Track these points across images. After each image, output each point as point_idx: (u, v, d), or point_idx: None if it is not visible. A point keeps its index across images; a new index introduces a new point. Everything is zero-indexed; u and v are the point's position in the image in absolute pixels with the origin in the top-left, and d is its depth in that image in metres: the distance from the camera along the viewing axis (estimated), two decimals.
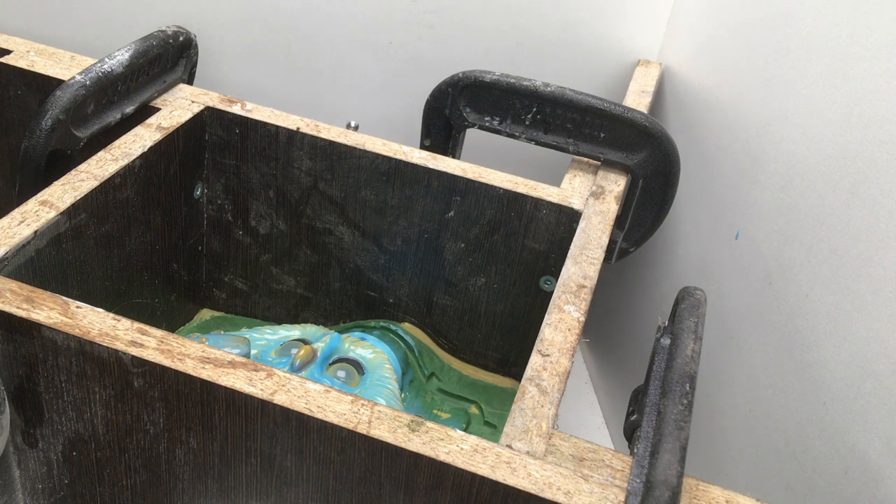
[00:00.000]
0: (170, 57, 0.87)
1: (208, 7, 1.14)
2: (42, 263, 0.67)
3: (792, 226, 0.77)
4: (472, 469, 0.52)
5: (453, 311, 0.91)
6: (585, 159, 0.88)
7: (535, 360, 0.61)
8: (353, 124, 0.92)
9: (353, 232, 0.89)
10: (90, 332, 0.57)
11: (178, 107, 0.85)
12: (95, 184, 0.71)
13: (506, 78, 0.86)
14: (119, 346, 0.56)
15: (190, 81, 0.92)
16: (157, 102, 0.85)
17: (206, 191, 0.90)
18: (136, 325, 0.58)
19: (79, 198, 0.70)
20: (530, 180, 0.82)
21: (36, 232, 0.66)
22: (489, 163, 0.85)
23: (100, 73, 0.77)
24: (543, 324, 0.65)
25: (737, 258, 0.86)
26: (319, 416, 0.54)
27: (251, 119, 0.85)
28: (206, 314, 0.98)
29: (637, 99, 1.00)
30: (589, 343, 1.30)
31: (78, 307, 0.59)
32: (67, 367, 0.58)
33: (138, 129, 0.80)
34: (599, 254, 0.73)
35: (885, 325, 0.63)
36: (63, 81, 0.77)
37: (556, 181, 0.84)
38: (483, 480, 0.52)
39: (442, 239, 0.86)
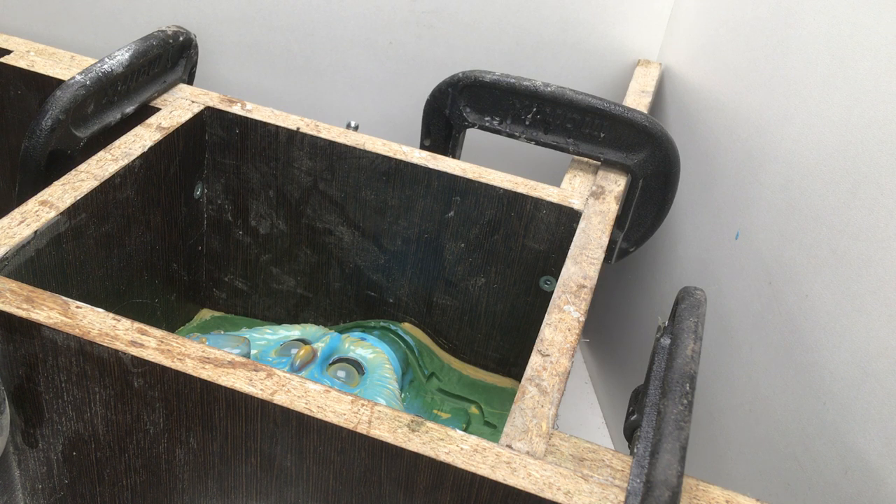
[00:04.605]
0: (170, 57, 0.87)
1: (208, 7, 1.14)
2: (42, 263, 0.67)
3: (792, 226, 0.77)
4: (472, 469, 0.52)
5: (453, 311, 0.91)
6: (585, 159, 0.88)
7: (535, 360, 0.61)
8: (353, 124, 0.92)
9: (353, 232, 0.89)
10: (90, 332, 0.57)
11: (178, 107, 0.85)
12: (95, 184, 0.71)
13: (506, 78, 0.86)
14: (119, 346, 0.56)
15: (190, 81, 0.92)
16: (157, 102, 0.85)
17: (206, 191, 0.90)
18: (136, 325, 0.58)
19: (79, 198, 0.70)
20: (530, 180, 0.82)
21: (36, 232, 0.66)
22: (489, 163, 0.85)
23: (100, 73, 0.77)
24: (543, 324, 0.65)
25: (737, 258, 0.86)
26: (319, 416, 0.54)
27: (251, 119, 0.85)
28: (206, 314, 0.98)
29: (637, 99, 1.00)
30: (589, 343, 1.30)
31: (78, 307, 0.59)
32: (67, 367, 0.58)
33: (138, 129, 0.80)
34: (599, 254, 0.73)
35: (885, 325, 0.63)
36: (63, 81, 0.77)
37: (556, 181, 0.84)
38: (483, 480, 0.52)
39: (442, 239, 0.86)
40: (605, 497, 0.52)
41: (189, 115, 0.83)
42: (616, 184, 0.84)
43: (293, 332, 0.89)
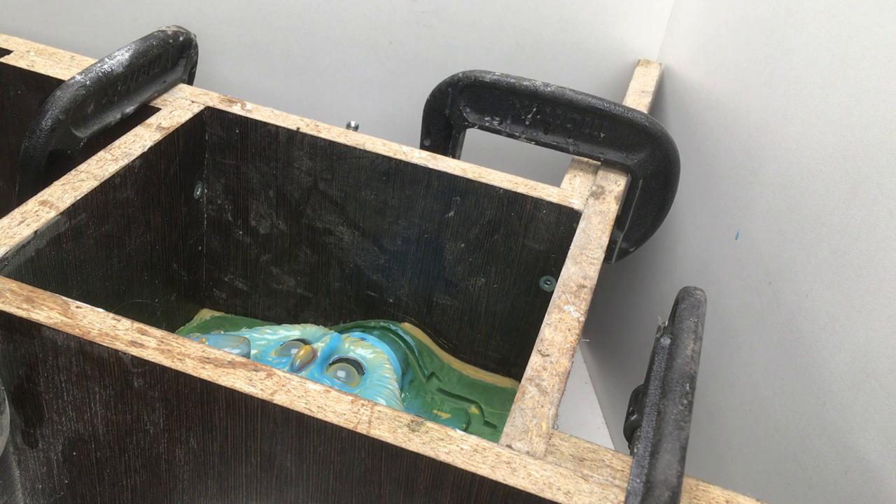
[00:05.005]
0: (170, 57, 0.87)
1: (208, 7, 1.14)
2: (42, 263, 0.67)
3: (792, 226, 0.77)
4: (472, 469, 0.52)
5: (453, 311, 0.91)
6: (585, 159, 0.88)
7: (535, 360, 0.61)
8: (353, 124, 0.92)
9: (353, 232, 0.89)
10: (90, 332, 0.57)
11: (178, 107, 0.85)
12: (95, 184, 0.71)
13: (506, 78, 0.86)
14: (119, 346, 0.56)
15: (190, 81, 0.92)
16: (157, 102, 0.85)
17: (206, 191, 0.90)
18: (136, 325, 0.58)
19: (79, 198, 0.70)
20: (530, 180, 0.82)
21: (36, 232, 0.66)
22: (489, 163, 0.85)
23: (100, 73, 0.77)
24: (543, 324, 0.65)
25: (737, 258, 0.86)
26: (319, 416, 0.54)
27: (251, 119, 0.85)
28: (206, 314, 0.98)
29: (637, 99, 1.00)
30: (589, 343, 1.30)
31: (78, 307, 0.59)
32: (67, 367, 0.58)
33: (138, 129, 0.80)
34: (599, 254, 0.73)
35: (885, 325, 0.63)
36: (63, 81, 0.77)
37: (556, 181, 0.84)
38: (483, 480, 0.52)
39: (442, 239, 0.86)
40: (605, 497, 0.52)
41: (189, 115, 0.83)
42: (616, 184, 0.84)
43: (293, 332, 0.89)
